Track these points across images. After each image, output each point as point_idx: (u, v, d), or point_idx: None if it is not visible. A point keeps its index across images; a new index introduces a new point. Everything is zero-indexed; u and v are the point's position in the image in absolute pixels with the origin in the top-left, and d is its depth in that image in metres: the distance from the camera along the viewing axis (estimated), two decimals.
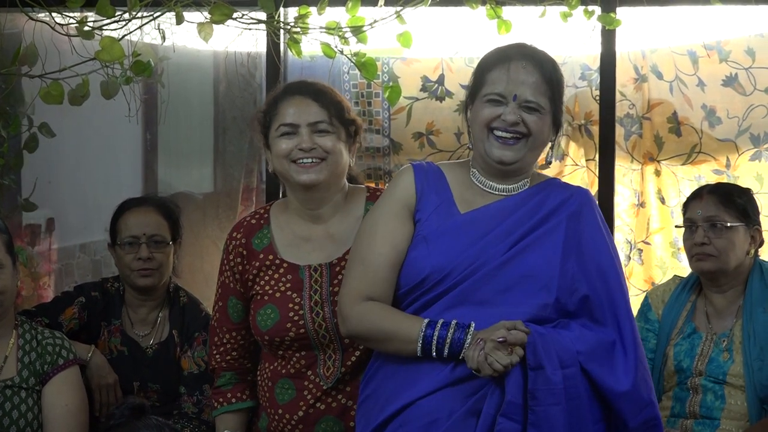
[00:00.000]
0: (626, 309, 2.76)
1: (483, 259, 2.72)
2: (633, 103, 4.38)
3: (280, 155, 3.04)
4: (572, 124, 4.43)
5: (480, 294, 2.71)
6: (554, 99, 2.76)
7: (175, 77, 4.47)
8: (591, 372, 2.65)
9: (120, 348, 3.79)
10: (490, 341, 2.56)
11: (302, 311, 3.02)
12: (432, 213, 2.80)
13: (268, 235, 3.11)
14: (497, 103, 2.73)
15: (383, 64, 4.45)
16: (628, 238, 4.45)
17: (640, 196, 4.44)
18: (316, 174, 3.01)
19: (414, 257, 2.77)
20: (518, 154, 2.75)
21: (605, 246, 2.78)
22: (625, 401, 2.68)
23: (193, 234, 4.70)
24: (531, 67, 2.73)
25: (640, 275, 4.45)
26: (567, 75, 4.23)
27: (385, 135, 4.49)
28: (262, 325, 3.05)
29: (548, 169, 4.15)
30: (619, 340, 2.71)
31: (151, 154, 4.87)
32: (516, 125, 2.72)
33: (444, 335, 2.64)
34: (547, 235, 2.75)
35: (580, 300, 2.72)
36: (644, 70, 4.37)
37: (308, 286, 3.03)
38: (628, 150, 4.41)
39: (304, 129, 3.02)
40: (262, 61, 4.49)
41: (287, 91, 3.11)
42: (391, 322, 2.72)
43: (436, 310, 2.72)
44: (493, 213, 2.78)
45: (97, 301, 3.81)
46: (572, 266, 2.73)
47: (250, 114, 4.63)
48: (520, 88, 2.72)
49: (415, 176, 2.85)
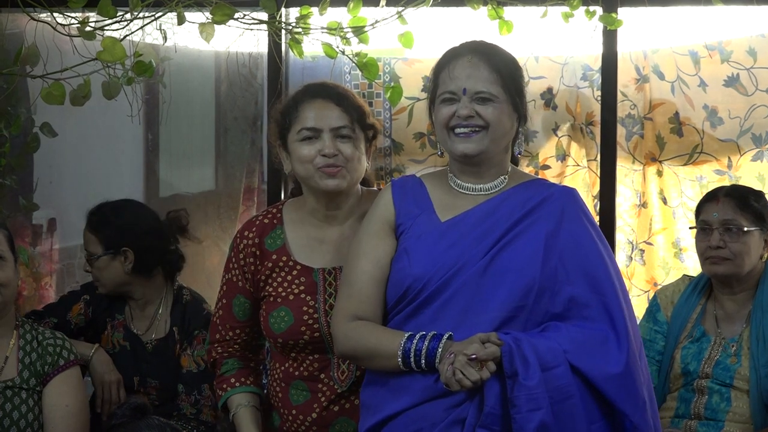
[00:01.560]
0: (620, 305, 2.71)
1: (462, 263, 2.71)
2: (634, 104, 4.38)
3: (303, 160, 2.99)
4: (574, 124, 4.42)
5: (462, 300, 2.69)
6: (508, 88, 2.74)
7: (176, 77, 4.48)
8: (581, 367, 2.62)
9: (122, 343, 3.81)
10: (462, 356, 2.54)
11: (317, 314, 3.00)
12: (412, 225, 2.80)
13: (281, 236, 3.07)
14: (451, 101, 2.74)
15: (385, 65, 4.45)
16: (630, 239, 4.45)
17: (642, 196, 4.42)
18: (340, 181, 2.97)
19: (396, 270, 2.78)
20: (479, 145, 2.73)
21: (591, 244, 2.75)
22: (617, 385, 2.63)
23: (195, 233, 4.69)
24: (477, 60, 2.73)
25: (642, 276, 4.45)
26: (569, 75, 4.44)
27: (386, 135, 4.50)
28: (276, 328, 3.02)
29: (550, 170, 4.42)
30: (614, 335, 2.67)
31: (152, 154, 4.87)
32: (471, 118, 2.71)
33: (421, 347, 2.63)
34: (526, 234, 2.73)
35: (566, 301, 2.69)
36: (646, 70, 4.37)
37: (322, 289, 3.01)
38: (630, 150, 4.40)
39: (327, 134, 2.98)
40: (264, 62, 4.50)
41: (308, 93, 3.06)
42: (375, 339, 2.73)
43: (421, 321, 2.72)
44: (473, 217, 2.77)
45: (101, 299, 3.83)
46: (555, 266, 2.70)
47: (252, 114, 4.73)
48: (469, 81, 2.72)
49: (393, 193, 2.87)
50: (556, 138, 4.44)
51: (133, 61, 3.60)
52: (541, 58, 4.44)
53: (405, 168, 4.54)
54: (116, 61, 3.50)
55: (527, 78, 4.29)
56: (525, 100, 2.82)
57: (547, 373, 2.58)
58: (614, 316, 2.68)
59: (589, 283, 2.70)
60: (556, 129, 4.44)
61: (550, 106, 4.44)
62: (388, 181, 4.47)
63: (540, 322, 2.69)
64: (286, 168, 3.08)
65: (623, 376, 2.64)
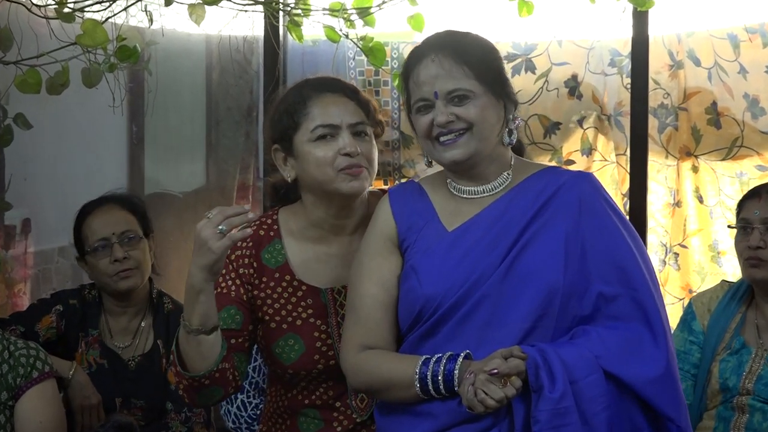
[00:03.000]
0: (653, 299, 2.66)
1: (477, 275, 2.66)
2: (668, 93, 4.38)
3: (321, 163, 2.86)
4: (600, 115, 4.43)
5: (481, 314, 2.65)
6: (483, 78, 2.68)
7: (163, 64, 4.43)
8: (617, 373, 2.58)
9: (99, 361, 3.79)
10: (482, 374, 2.49)
11: (330, 340, 2.91)
12: (417, 238, 2.76)
13: (282, 252, 2.96)
14: (426, 108, 2.70)
15: (393, 49, 4.45)
16: (663, 241, 4.44)
17: (676, 194, 4.43)
18: (363, 182, 2.88)
19: (406, 291, 2.73)
20: (467, 148, 2.68)
21: (616, 233, 2.69)
22: (660, 389, 2.60)
23: (184, 236, 4.73)
24: (441, 57, 2.68)
25: (677, 282, 4.44)
26: (595, 61, 4.45)
27: (394, 127, 4.49)
28: (285, 359, 2.92)
29: (574, 166, 4.40)
30: (649, 332, 2.63)
31: (137, 148, 4.85)
32: (451, 123, 2.67)
33: (437, 371, 2.60)
34: (543, 233, 2.67)
35: (595, 300, 2.64)
36: (680, 55, 4.37)
37: (333, 311, 2.93)
38: (663, 144, 4.40)
39: (345, 131, 2.88)
40: (260, 47, 4.52)
41: (314, 88, 2.95)
42: (388, 369, 2.69)
43: (437, 341, 2.68)
44: (482, 222, 2.73)
45: (75, 310, 3.82)
46: (579, 264, 2.65)
47: (246, 104, 4.77)
48: (438, 82, 2.67)
49: (391, 204, 2.82)
50: (582, 130, 4.44)
51: (115, 45, 3.55)
52: (565, 43, 4.46)
53: (415, 163, 4.54)
54: (97, 46, 3.46)
55: (549, 64, 4.42)
56: (507, 83, 2.74)
57: (579, 384, 2.55)
58: (648, 312, 2.64)
59: (618, 278, 2.65)
60: (582, 120, 4.44)
61: (575, 95, 4.44)
62: (396, 178, 4.50)
63: (568, 328, 2.66)
64: (289, 175, 2.94)
65: (665, 378, 2.61)
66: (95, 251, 3.80)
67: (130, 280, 3.79)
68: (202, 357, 2.76)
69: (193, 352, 2.75)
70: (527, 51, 4.50)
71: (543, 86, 4.50)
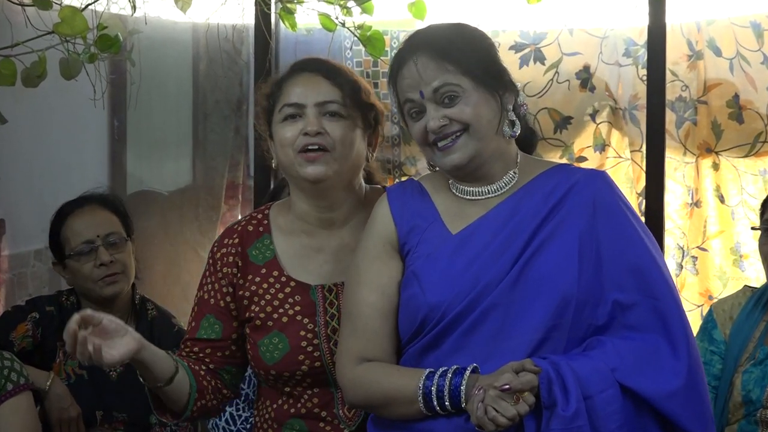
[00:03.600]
0: (675, 307, 2.65)
1: (484, 282, 2.65)
2: (686, 85, 4.39)
3: (284, 143, 2.90)
4: (615, 109, 4.45)
5: (489, 325, 2.63)
6: (471, 71, 2.65)
7: (147, 54, 4.36)
8: (634, 387, 2.56)
9: (79, 372, 3.79)
10: (492, 389, 2.48)
11: (317, 340, 2.91)
12: (419, 241, 2.74)
13: (270, 246, 3.00)
14: (418, 114, 2.69)
15: (392, 39, 4.46)
16: (681, 244, 4.46)
17: (695, 193, 4.44)
18: (323, 166, 2.88)
19: (407, 299, 2.71)
20: (466, 151, 2.67)
21: (634, 236, 2.68)
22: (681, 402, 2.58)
23: (169, 238, 4.82)
24: (421, 56, 2.67)
25: (695, 288, 4.46)
26: (609, 51, 4.49)
27: (394, 122, 4.48)
28: (268, 358, 2.93)
29: (586, 163, 4.46)
30: (666, 342, 2.61)
31: (119, 144, 4.87)
32: (444, 127, 2.66)
33: (443, 385, 2.58)
34: (555, 236, 2.66)
35: (610, 309, 2.63)
36: (699, 45, 4.39)
37: (322, 309, 2.94)
38: (681, 140, 4.41)
39: (311, 110, 2.89)
40: (250, 35, 4.54)
41: (294, 69, 2.99)
42: (389, 383, 2.68)
43: (442, 352, 2.67)
44: (489, 224, 2.71)
45: (52, 318, 3.81)
46: (594, 269, 2.64)
47: (236, 97, 4.80)
48: (421, 83, 2.66)
49: (390, 204, 2.80)
50: (594, 125, 4.46)
51: (96, 34, 3.53)
52: (576, 32, 4.46)
53: (416, 160, 4.56)
54: (76, 35, 3.45)
55: (560, 55, 4.53)
56: (502, 73, 2.71)
57: (594, 399, 2.53)
58: (669, 321, 2.62)
59: (636, 284, 2.64)
60: (594, 114, 4.45)
61: (587, 87, 4.45)
62: (397, 176, 4.53)
63: (582, 339, 2.64)
64: (275, 163, 3.02)
65: (686, 390, 2.59)
66: (78, 255, 3.79)
67: (116, 285, 3.80)
68: (173, 402, 2.92)
69: (163, 400, 2.93)
70: (536, 40, 4.52)
71: (553, 78, 4.51)
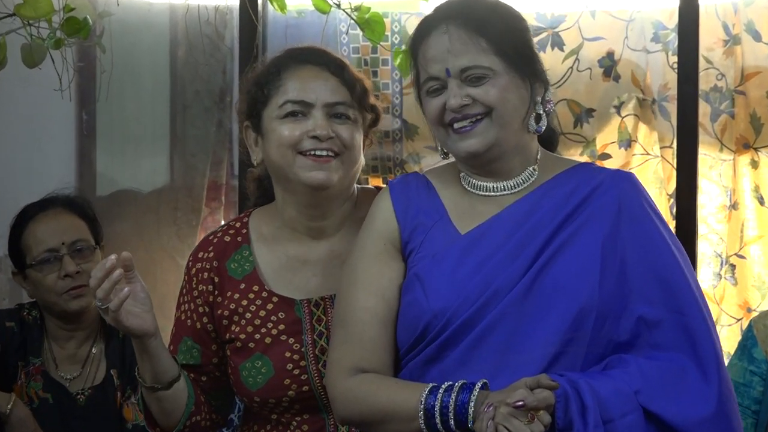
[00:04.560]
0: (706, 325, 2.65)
1: (494, 288, 2.64)
2: (722, 73, 4.36)
3: (283, 143, 2.89)
4: (642, 100, 4.41)
5: (499, 336, 2.63)
6: (505, 52, 2.66)
7: (119, 39, 4.42)
8: (659, 412, 2.56)
9: (42, 395, 3.80)
10: (504, 406, 2.46)
11: (304, 362, 2.91)
12: (424, 240, 2.75)
13: (249, 258, 3.01)
14: (437, 90, 2.69)
15: (393, 21, 4.47)
16: (718, 251, 4.42)
17: (732, 194, 4.41)
18: (330, 174, 2.88)
19: (408, 303, 2.71)
20: (486, 137, 2.66)
21: (663, 246, 2.69)
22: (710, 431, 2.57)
23: (144, 244, 4.74)
24: (454, 27, 2.67)
25: (733, 299, 4.41)
26: (636, 36, 4.43)
27: (396, 115, 4.51)
28: (251, 384, 2.93)
29: (610, 161, 4.44)
30: (694, 364, 2.61)
31: (87, 139, 4.86)
32: (466, 107, 2.65)
33: (448, 402, 2.56)
34: (575, 241, 2.67)
35: (634, 324, 2.63)
36: (736, 28, 4.34)
37: (309, 327, 2.94)
38: (716, 134, 4.38)
39: (320, 111, 2.90)
40: (234, 18, 4.58)
41: (294, 58, 2.98)
42: (386, 397, 2.66)
43: (446, 366, 2.66)
44: (502, 224, 2.71)
45: (12, 335, 3.82)
46: (617, 279, 2.65)
47: (218, 87, 4.77)
48: (450, 58, 2.66)
49: (392, 199, 2.81)
50: (619, 118, 4.43)
51: (62, 17, 3.56)
52: (599, 14, 4.42)
53: (420, 158, 4.54)
54: (41, 18, 3.48)
55: (581, 40, 4.48)
56: (536, 59, 2.72)
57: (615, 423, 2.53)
58: (697, 340, 2.62)
59: (664, 298, 2.64)
60: (619, 107, 4.42)
61: (611, 76, 4.42)
62: (397, 174, 4.53)
63: (601, 356, 2.64)
64: (255, 158, 3.01)
65: (716, 418, 2.58)
66: (41, 264, 3.77)
67: (83, 299, 3.76)
68: (166, 414, 2.93)
69: (156, 409, 2.92)
70: (554, 23, 4.48)
71: (573, 66, 4.49)
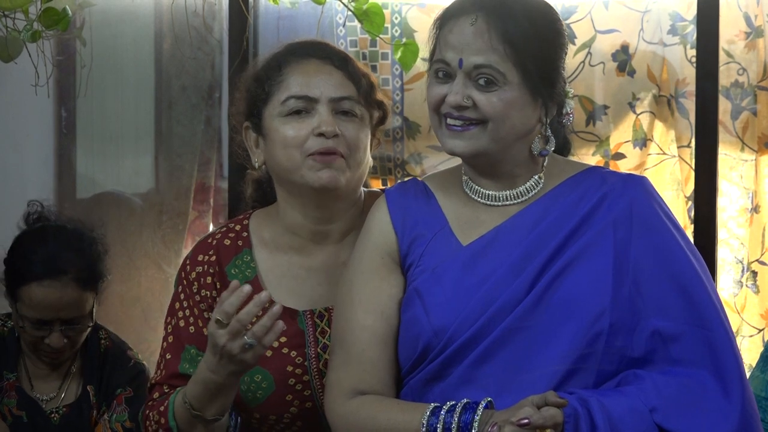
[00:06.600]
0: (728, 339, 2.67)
1: (499, 304, 2.67)
2: (744, 68, 4.29)
3: (288, 143, 2.90)
4: (658, 96, 4.36)
5: (505, 353, 2.66)
6: (524, 65, 2.65)
7: (101, 32, 4.49)
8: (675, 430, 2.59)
9: (17, 413, 3.86)
10: (509, 425, 2.49)
11: (307, 376, 2.92)
12: (424, 253, 2.76)
13: (251, 265, 3.01)
14: (445, 77, 2.70)
15: (393, 13, 4.44)
16: (739, 257, 4.38)
17: (754, 197, 4.34)
18: (336, 174, 2.89)
19: (408, 320, 2.73)
20: (474, 145, 2.67)
21: (679, 252, 2.71)
22: None
23: (127, 251, 4.74)
24: (483, 21, 2.67)
25: (755, 308, 4.36)
26: (652, 28, 4.36)
27: (396, 112, 4.48)
28: (250, 399, 2.93)
29: (624, 161, 4.41)
30: (718, 380, 2.64)
31: (66, 138, 4.87)
32: (464, 109, 2.67)
33: (450, 423, 2.59)
34: (585, 252, 2.69)
35: (648, 338, 2.65)
36: (759, 20, 4.25)
37: (312, 339, 2.94)
38: (738, 133, 4.31)
39: (324, 106, 2.90)
40: (224, 9, 4.56)
41: (295, 52, 2.98)
42: (387, 419, 2.68)
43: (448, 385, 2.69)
44: (507, 235, 2.73)
45: None
46: (630, 293, 2.67)
47: (207, 82, 4.77)
48: (467, 51, 2.67)
49: (389, 209, 2.82)
50: (634, 116, 4.39)
51: (39, 8, 3.61)
52: (613, 4, 4.38)
53: (422, 158, 4.52)
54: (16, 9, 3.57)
55: (593, 32, 4.42)
56: (557, 80, 2.73)
57: None
58: (719, 355, 2.64)
59: (683, 311, 2.66)
60: (634, 103, 4.38)
61: (626, 70, 4.38)
62: (398, 176, 4.53)
63: (614, 373, 2.66)
64: (257, 160, 3.01)
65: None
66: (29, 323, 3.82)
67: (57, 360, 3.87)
68: None
69: None
70: (565, 15, 4.38)
71: (585, 60, 4.45)
